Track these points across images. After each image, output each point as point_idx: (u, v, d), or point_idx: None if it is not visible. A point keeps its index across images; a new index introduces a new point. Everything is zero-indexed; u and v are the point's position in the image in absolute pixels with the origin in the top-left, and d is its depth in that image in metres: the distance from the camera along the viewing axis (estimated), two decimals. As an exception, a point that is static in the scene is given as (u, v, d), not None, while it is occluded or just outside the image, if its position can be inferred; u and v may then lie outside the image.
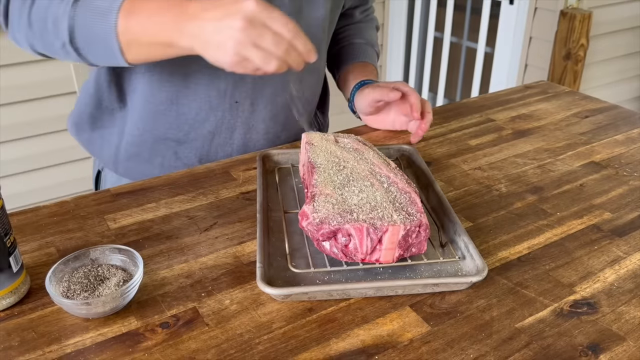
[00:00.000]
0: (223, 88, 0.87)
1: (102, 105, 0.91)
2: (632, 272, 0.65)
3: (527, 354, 0.54)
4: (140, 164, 0.93)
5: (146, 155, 0.92)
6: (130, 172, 0.95)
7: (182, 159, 0.93)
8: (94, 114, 0.93)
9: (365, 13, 1.12)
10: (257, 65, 0.66)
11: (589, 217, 0.76)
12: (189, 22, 0.66)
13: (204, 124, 0.90)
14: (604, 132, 1.01)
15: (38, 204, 0.77)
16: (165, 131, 0.90)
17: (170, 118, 0.89)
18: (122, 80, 0.89)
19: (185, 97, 0.87)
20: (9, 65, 1.93)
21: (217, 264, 0.66)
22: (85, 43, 0.71)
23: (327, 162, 0.71)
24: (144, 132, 0.90)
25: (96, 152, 0.97)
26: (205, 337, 0.56)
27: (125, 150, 0.92)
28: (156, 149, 0.92)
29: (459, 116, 1.08)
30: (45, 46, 0.74)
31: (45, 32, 0.72)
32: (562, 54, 2.36)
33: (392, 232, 0.60)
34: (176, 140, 0.91)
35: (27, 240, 0.69)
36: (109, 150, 0.94)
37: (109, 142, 0.93)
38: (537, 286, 0.63)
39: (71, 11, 0.70)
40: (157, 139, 0.91)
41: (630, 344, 0.55)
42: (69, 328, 0.56)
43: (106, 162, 0.96)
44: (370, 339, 0.56)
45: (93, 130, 0.94)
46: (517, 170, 0.87)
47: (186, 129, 0.90)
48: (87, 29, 0.70)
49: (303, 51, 0.67)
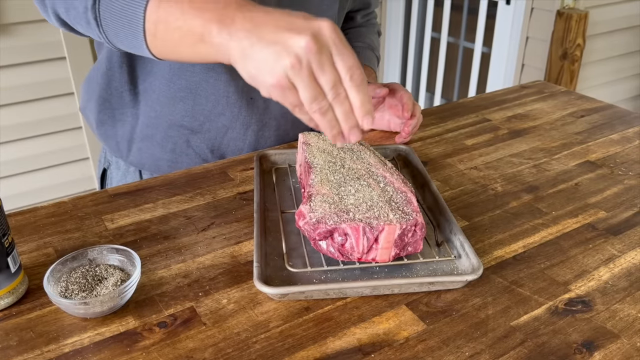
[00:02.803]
0: (242, 85, 0.87)
1: (111, 86, 0.90)
2: (627, 270, 0.66)
3: (522, 351, 0.54)
4: (153, 147, 0.93)
5: (159, 138, 0.92)
6: (141, 154, 0.94)
7: (194, 147, 0.93)
8: (104, 95, 0.91)
9: (366, 17, 1.12)
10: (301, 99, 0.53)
11: (584, 216, 0.76)
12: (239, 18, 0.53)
13: (219, 117, 0.90)
14: (600, 131, 1.02)
15: (36, 204, 0.78)
16: (181, 118, 0.90)
17: (187, 106, 0.88)
18: (134, 62, 0.87)
19: (204, 89, 0.87)
20: (7, 67, 1.93)
21: (215, 263, 0.66)
22: (109, 12, 0.61)
23: (323, 162, 0.71)
24: (161, 114, 0.89)
25: (108, 133, 0.94)
26: (202, 336, 0.56)
27: (140, 131, 0.92)
28: (169, 134, 0.91)
29: (455, 116, 1.08)
30: (68, 8, 0.65)
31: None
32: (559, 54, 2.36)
33: (388, 231, 0.60)
34: (190, 129, 0.91)
35: (25, 240, 0.70)
36: (124, 130, 0.93)
37: (123, 123, 0.92)
38: (532, 284, 0.63)
39: None
40: (172, 124, 0.90)
41: (624, 341, 0.56)
42: (67, 328, 0.57)
43: (119, 144, 0.94)
44: (367, 337, 0.56)
45: (103, 111, 0.92)
46: (513, 170, 0.88)
47: (201, 120, 0.90)
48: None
49: (358, 108, 0.53)
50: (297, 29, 0.51)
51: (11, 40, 1.90)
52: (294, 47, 0.50)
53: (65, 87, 2.06)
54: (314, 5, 0.89)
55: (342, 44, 0.52)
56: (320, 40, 0.51)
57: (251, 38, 0.52)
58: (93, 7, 0.63)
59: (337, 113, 0.54)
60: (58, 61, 2.02)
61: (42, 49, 1.97)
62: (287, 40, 0.51)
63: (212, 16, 0.54)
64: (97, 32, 0.65)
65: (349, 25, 1.10)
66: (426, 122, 1.04)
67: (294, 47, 0.51)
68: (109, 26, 0.63)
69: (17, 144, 2.07)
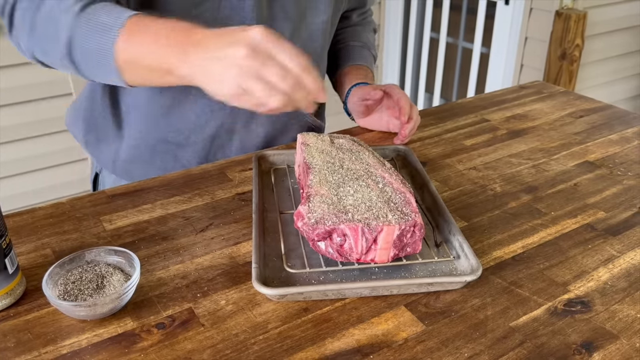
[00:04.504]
0: None
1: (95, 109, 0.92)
2: (626, 270, 0.66)
3: (521, 352, 0.54)
4: (141, 166, 0.93)
5: (146, 157, 0.92)
6: (129, 173, 0.95)
7: (182, 161, 0.93)
8: (88, 119, 0.93)
9: (362, 16, 1.12)
10: (259, 99, 0.59)
11: (583, 216, 0.76)
12: (191, 49, 0.61)
13: (204, 128, 0.90)
14: (599, 131, 1.02)
15: (34, 205, 0.77)
16: (166, 134, 0.90)
17: (171, 121, 0.89)
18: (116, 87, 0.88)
19: (187, 102, 0.87)
20: (5, 67, 1.93)
21: (213, 264, 0.66)
22: (83, 57, 0.68)
23: (322, 163, 0.71)
24: (146, 134, 0.90)
25: (94, 153, 0.96)
26: (201, 337, 0.56)
27: (125, 152, 0.92)
28: (156, 151, 0.92)
29: (454, 116, 1.08)
30: (45, 54, 0.72)
31: (46, 40, 0.69)
32: (558, 54, 2.36)
33: (387, 232, 0.60)
34: (176, 144, 0.91)
35: (23, 241, 0.69)
36: (108, 152, 0.94)
37: (107, 144, 0.93)
38: (531, 285, 0.63)
39: (73, 22, 0.67)
40: (158, 141, 0.91)
41: (624, 342, 0.56)
42: (65, 329, 0.56)
43: (104, 164, 0.96)
44: (366, 338, 0.56)
45: (89, 132, 0.94)
46: (512, 170, 0.88)
47: (186, 133, 0.90)
48: (86, 43, 0.67)
49: (312, 89, 0.61)
50: (234, 42, 0.59)
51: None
52: (236, 59, 0.58)
53: (64, 87, 2.06)
54: (308, 8, 0.89)
55: (276, 41, 0.59)
56: (255, 45, 0.58)
57: (203, 62, 0.60)
58: (68, 55, 0.69)
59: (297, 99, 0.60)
60: (57, 62, 2.02)
61: (41, 49, 1.97)
62: (228, 54, 0.58)
63: (171, 52, 0.62)
64: (75, 72, 0.72)
65: (344, 24, 1.10)
66: (425, 123, 1.04)
67: (235, 59, 0.58)
68: (85, 69, 0.70)
69: (15, 144, 2.06)
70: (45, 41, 0.70)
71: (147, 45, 0.64)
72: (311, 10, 0.88)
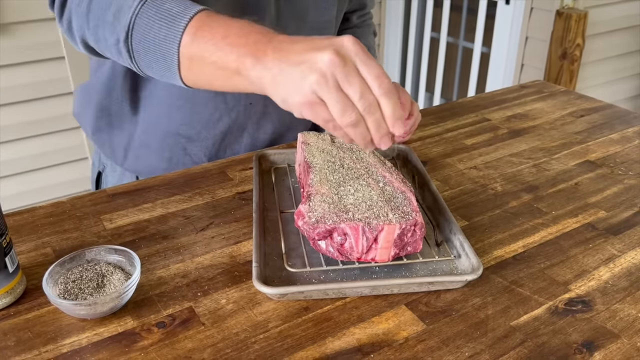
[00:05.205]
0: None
1: (112, 95, 0.90)
2: (627, 270, 0.66)
3: (522, 352, 0.54)
4: (149, 154, 0.93)
5: (155, 146, 0.92)
6: (137, 161, 0.94)
7: (191, 155, 0.93)
8: (103, 103, 0.91)
9: (362, 18, 1.12)
10: (331, 113, 0.53)
11: (584, 215, 0.76)
12: (270, 51, 0.55)
13: (217, 124, 0.90)
14: (599, 131, 1.02)
15: (34, 204, 0.77)
16: (178, 127, 0.90)
17: (184, 114, 0.88)
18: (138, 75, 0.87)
19: (202, 96, 0.87)
20: (6, 66, 1.93)
21: (213, 263, 0.66)
22: (142, 46, 0.62)
23: (323, 162, 0.71)
24: (158, 123, 0.89)
25: (104, 141, 0.95)
26: (201, 336, 0.56)
27: (138, 138, 0.92)
28: (166, 142, 0.91)
29: (455, 116, 1.08)
30: (98, 40, 0.66)
31: (103, 23, 0.64)
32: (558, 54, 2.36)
33: (387, 231, 0.60)
34: (187, 137, 0.91)
35: (23, 240, 0.69)
36: (121, 138, 0.93)
37: (120, 130, 0.92)
38: (532, 284, 0.63)
39: (137, 6, 0.61)
40: (168, 133, 0.90)
41: (625, 341, 0.56)
42: (65, 328, 0.56)
43: (114, 152, 0.95)
44: (366, 337, 0.56)
45: (101, 118, 0.92)
46: (513, 170, 0.88)
47: (198, 128, 0.90)
48: (149, 30, 0.61)
49: (389, 116, 0.54)
50: (320, 47, 0.53)
51: (10, 40, 1.90)
52: (318, 64, 0.52)
53: (64, 86, 2.06)
54: (312, 8, 0.88)
55: (366, 55, 0.53)
56: (342, 54, 0.52)
57: (280, 65, 0.54)
58: (126, 40, 0.63)
59: (369, 122, 0.54)
60: (57, 61, 2.02)
61: (41, 48, 1.97)
62: (311, 59, 0.52)
63: (246, 51, 0.56)
64: (129, 62, 0.66)
65: (344, 26, 1.09)
66: (425, 122, 1.04)
67: (318, 64, 0.52)
68: (141, 59, 0.64)
69: (15, 144, 2.06)
70: (102, 23, 0.65)
71: (218, 40, 0.57)
72: (315, 10, 0.88)
